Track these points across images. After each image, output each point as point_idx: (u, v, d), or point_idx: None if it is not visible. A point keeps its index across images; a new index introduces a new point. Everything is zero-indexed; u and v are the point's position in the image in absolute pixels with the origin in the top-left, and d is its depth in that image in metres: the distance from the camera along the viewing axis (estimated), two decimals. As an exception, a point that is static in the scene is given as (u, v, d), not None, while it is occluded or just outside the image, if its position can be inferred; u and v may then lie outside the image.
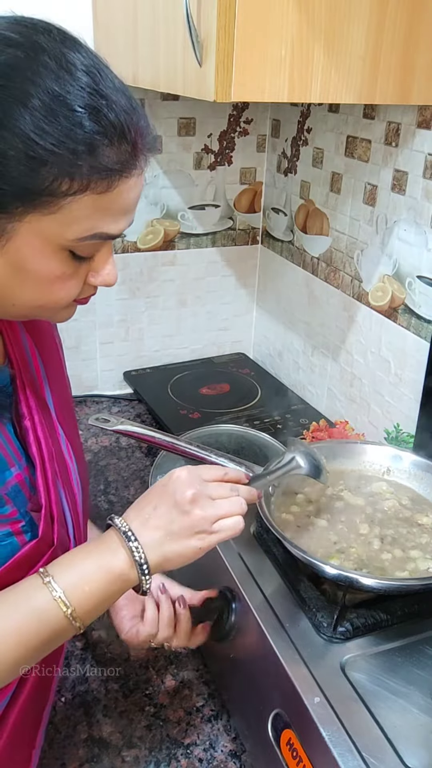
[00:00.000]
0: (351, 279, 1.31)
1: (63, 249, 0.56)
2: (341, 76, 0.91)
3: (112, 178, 0.54)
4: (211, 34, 0.83)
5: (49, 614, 0.58)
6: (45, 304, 0.60)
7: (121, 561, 0.62)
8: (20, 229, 0.54)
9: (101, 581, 0.61)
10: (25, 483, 0.66)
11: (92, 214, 0.55)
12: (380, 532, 0.86)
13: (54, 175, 0.51)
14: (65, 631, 0.59)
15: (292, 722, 0.69)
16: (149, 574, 0.62)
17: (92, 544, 0.64)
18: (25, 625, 0.58)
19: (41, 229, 0.54)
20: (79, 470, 0.76)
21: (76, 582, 0.60)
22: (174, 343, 1.67)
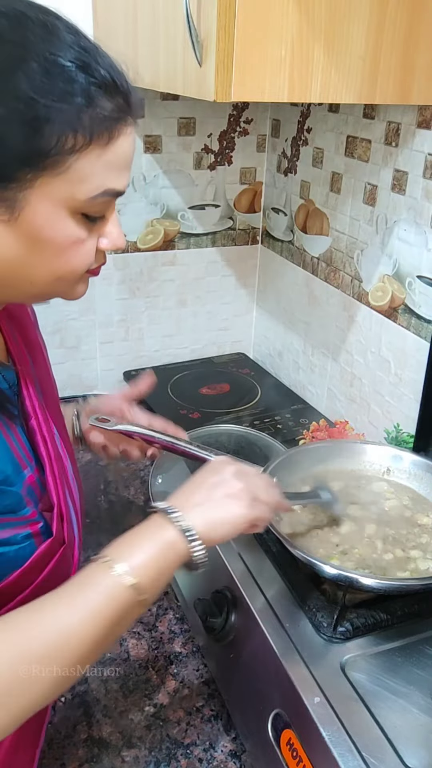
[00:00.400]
0: (351, 279, 1.31)
1: (75, 212, 0.57)
2: (341, 76, 0.91)
3: (112, 128, 0.56)
4: (211, 34, 0.83)
5: (117, 592, 0.59)
6: (63, 275, 0.60)
7: (169, 532, 0.64)
8: (31, 197, 0.54)
9: (156, 554, 0.62)
10: (37, 483, 0.66)
11: (99, 171, 0.56)
12: (381, 532, 0.86)
13: (58, 132, 0.52)
14: (134, 607, 0.60)
15: (292, 722, 0.69)
16: (197, 541, 0.64)
17: (138, 528, 0.66)
18: (98, 608, 0.58)
19: (52, 193, 0.54)
20: (72, 468, 0.76)
21: (133, 557, 0.61)
22: (174, 343, 1.67)
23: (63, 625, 0.57)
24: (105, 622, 0.58)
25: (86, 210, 0.57)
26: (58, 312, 1.49)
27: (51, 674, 0.55)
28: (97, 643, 0.58)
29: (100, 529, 1.14)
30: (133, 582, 0.59)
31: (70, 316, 1.50)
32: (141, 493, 1.23)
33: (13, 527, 0.62)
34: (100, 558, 0.61)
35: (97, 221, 0.60)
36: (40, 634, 0.56)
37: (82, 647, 0.57)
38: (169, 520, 0.64)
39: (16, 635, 0.55)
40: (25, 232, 0.56)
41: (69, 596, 0.59)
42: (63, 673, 0.56)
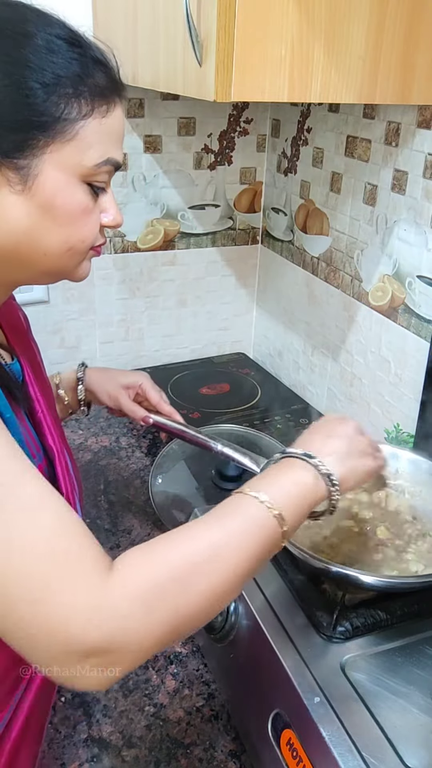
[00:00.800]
0: (351, 279, 1.31)
1: (83, 181, 0.61)
2: (341, 75, 0.91)
3: (109, 99, 0.61)
4: (211, 34, 0.83)
5: (263, 519, 0.60)
6: (74, 245, 0.63)
7: (311, 474, 0.66)
8: (44, 165, 0.58)
9: (298, 492, 0.64)
10: (45, 474, 0.67)
11: (102, 139, 0.61)
12: (377, 531, 0.86)
13: (66, 98, 0.58)
14: (276, 539, 0.61)
15: (292, 722, 0.69)
16: (338, 486, 0.67)
17: (277, 468, 0.68)
18: (245, 531, 0.59)
19: (63, 160, 0.59)
20: (72, 465, 0.77)
21: (276, 491, 0.63)
22: (174, 342, 1.67)
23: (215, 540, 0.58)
24: (252, 550, 0.59)
25: (92, 178, 0.62)
26: (58, 312, 1.49)
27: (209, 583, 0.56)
28: (245, 570, 0.59)
29: (100, 529, 1.14)
30: (276, 512, 0.61)
31: (70, 316, 1.50)
32: (141, 493, 1.24)
33: None
34: (242, 491, 0.63)
35: (100, 194, 0.64)
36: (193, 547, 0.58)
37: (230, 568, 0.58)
38: (309, 465, 0.67)
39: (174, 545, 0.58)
40: (38, 201, 0.59)
41: (217, 519, 0.60)
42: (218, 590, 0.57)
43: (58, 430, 0.77)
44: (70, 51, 0.58)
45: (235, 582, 0.58)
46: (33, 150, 0.57)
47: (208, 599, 0.56)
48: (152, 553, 0.56)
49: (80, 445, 1.38)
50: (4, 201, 0.59)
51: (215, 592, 0.56)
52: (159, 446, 1.34)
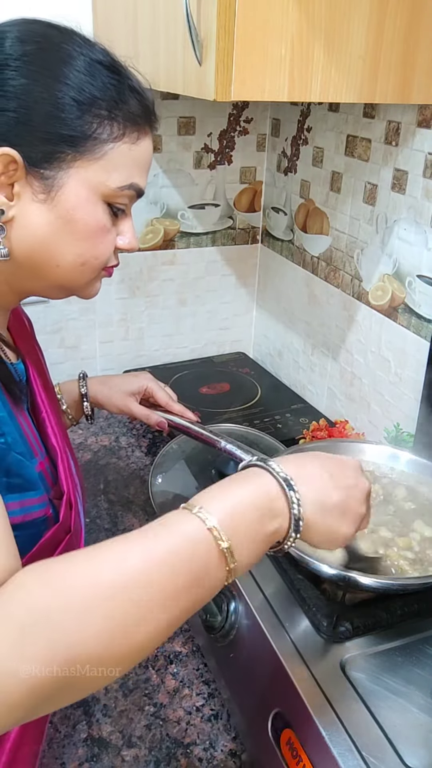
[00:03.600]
0: (351, 278, 1.31)
1: (104, 201, 0.63)
2: (341, 75, 0.91)
3: (140, 127, 0.64)
4: (211, 33, 0.83)
5: (202, 544, 0.50)
6: (88, 260, 0.65)
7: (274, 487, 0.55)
8: (69, 179, 0.60)
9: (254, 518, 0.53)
10: (47, 472, 0.69)
11: (128, 164, 0.63)
12: (375, 531, 0.86)
13: (99, 119, 0.60)
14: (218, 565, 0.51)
15: (292, 722, 0.69)
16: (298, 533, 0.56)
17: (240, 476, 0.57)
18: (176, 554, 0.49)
19: (88, 177, 0.61)
20: (74, 465, 0.78)
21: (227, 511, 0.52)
22: (174, 342, 1.67)
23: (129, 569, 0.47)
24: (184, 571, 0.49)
25: (114, 200, 0.64)
26: (58, 312, 1.49)
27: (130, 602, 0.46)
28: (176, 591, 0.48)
29: (100, 528, 1.14)
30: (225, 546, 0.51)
31: (70, 315, 1.50)
32: (141, 493, 1.24)
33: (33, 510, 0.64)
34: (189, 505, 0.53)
35: (119, 216, 0.66)
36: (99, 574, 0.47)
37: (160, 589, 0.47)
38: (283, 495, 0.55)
39: None
40: (59, 212, 0.61)
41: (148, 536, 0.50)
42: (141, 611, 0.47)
43: (62, 431, 0.77)
44: (109, 76, 0.61)
45: (152, 625, 0.47)
46: (60, 162, 0.60)
47: (108, 642, 0.45)
48: (49, 573, 0.47)
49: (80, 444, 1.38)
50: (26, 208, 0.60)
51: (117, 634, 0.45)
52: (159, 446, 1.34)
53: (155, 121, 0.67)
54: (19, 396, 0.66)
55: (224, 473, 1.15)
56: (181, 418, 1.03)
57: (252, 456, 0.95)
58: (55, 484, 0.70)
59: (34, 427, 0.70)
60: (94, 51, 0.62)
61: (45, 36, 0.61)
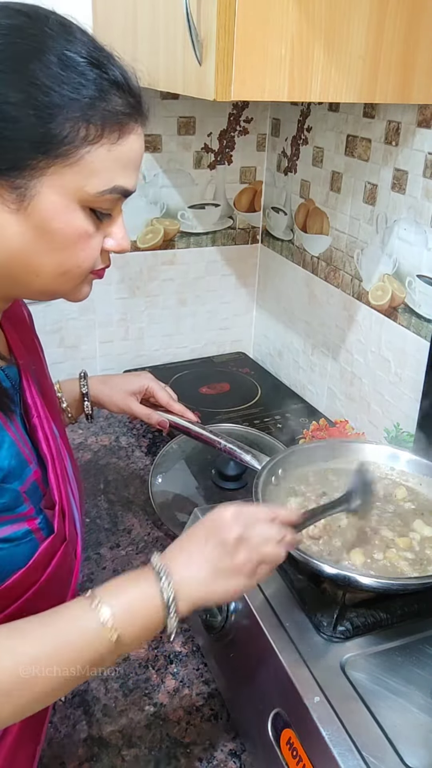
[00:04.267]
0: (351, 278, 1.31)
1: (84, 206, 0.58)
2: (341, 75, 0.91)
3: (122, 124, 0.58)
4: (211, 33, 0.83)
5: (96, 637, 0.57)
6: (69, 269, 0.61)
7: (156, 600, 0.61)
8: (42, 186, 0.56)
9: (145, 610, 0.60)
10: (40, 480, 0.67)
11: (109, 166, 0.58)
12: (377, 531, 0.86)
13: (72, 121, 0.55)
14: (111, 656, 0.58)
15: (292, 722, 0.69)
16: (174, 614, 0.61)
17: (140, 573, 0.63)
18: (71, 645, 0.56)
19: (63, 184, 0.56)
20: (72, 466, 0.77)
21: (123, 607, 0.59)
22: (174, 342, 1.67)
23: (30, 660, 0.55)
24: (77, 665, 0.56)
25: (95, 205, 0.59)
26: (57, 311, 1.49)
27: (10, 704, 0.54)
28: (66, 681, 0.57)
29: (99, 528, 1.14)
30: (113, 636, 0.57)
31: (70, 315, 1.50)
32: (141, 493, 1.23)
33: (11, 524, 0.62)
34: (91, 597, 0.59)
35: (104, 220, 0.62)
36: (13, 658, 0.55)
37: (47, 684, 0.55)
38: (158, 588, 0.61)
39: None
40: (34, 221, 0.57)
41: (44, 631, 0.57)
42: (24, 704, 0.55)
43: (60, 433, 0.76)
44: (87, 71, 0.55)
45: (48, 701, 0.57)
46: (32, 170, 0.55)
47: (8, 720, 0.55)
48: None
49: (80, 444, 1.38)
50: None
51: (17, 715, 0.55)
52: (159, 446, 1.34)
53: (141, 114, 0.61)
54: (6, 405, 0.64)
55: (224, 473, 1.15)
56: (181, 418, 1.03)
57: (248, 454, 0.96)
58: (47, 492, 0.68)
59: (25, 434, 0.68)
60: (70, 41, 0.55)
61: (13, 28, 0.54)
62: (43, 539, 0.65)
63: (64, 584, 0.70)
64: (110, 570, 1.05)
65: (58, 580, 0.67)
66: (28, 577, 0.62)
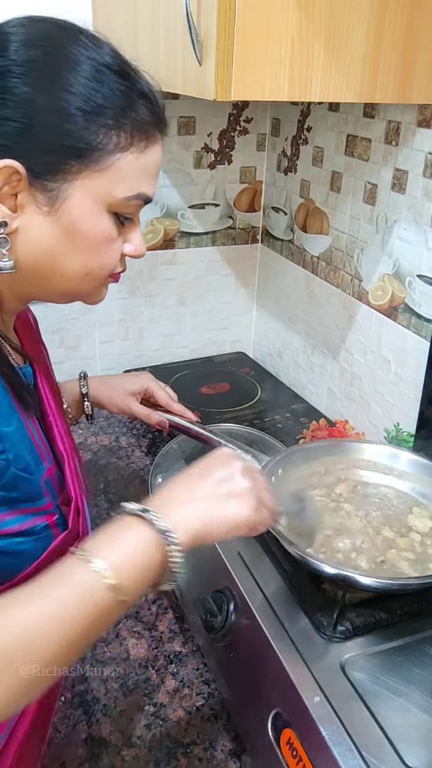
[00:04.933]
0: (351, 278, 1.31)
1: (110, 211, 0.62)
2: (341, 74, 0.91)
3: (149, 134, 0.62)
4: (211, 33, 0.83)
5: (93, 589, 0.54)
6: (93, 270, 0.64)
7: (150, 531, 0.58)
8: (74, 190, 0.59)
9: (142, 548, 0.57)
10: (55, 477, 0.68)
11: (135, 173, 0.62)
12: (375, 530, 0.86)
13: (105, 128, 0.58)
14: (111, 607, 0.55)
15: (292, 721, 0.69)
16: (177, 545, 0.58)
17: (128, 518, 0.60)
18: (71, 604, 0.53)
19: (93, 188, 0.59)
20: (79, 466, 0.77)
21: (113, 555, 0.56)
22: (174, 342, 1.67)
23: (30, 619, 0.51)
24: (78, 621, 0.53)
25: (120, 210, 0.62)
26: (58, 311, 1.49)
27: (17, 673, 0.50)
28: (71, 642, 0.53)
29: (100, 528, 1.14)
30: (112, 583, 0.54)
31: (71, 315, 1.50)
32: (141, 493, 1.23)
33: (33, 517, 0.63)
34: (79, 551, 0.56)
35: (126, 224, 0.65)
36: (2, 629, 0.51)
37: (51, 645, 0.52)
38: (147, 521, 0.58)
39: None
40: (63, 224, 0.60)
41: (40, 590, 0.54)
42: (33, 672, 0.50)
43: (68, 433, 0.77)
44: (117, 82, 0.59)
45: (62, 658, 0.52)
46: (65, 174, 0.58)
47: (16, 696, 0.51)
48: None
49: (80, 444, 1.38)
50: (30, 219, 0.59)
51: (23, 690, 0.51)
52: (159, 446, 1.34)
53: (165, 125, 0.65)
54: (29, 402, 0.65)
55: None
56: (181, 418, 1.03)
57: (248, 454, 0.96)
58: (62, 489, 0.69)
59: (42, 431, 0.69)
60: (101, 54, 0.59)
61: (50, 39, 0.58)
62: (59, 534, 0.65)
63: None
64: (110, 570, 1.05)
65: None
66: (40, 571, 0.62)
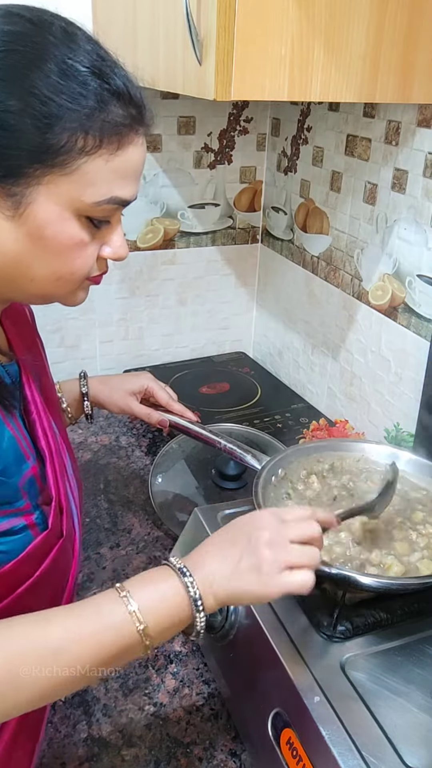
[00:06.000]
0: (351, 278, 1.31)
1: (80, 215, 0.59)
2: (341, 74, 0.91)
3: (122, 135, 0.58)
4: (211, 33, 0.82)
5: (124, 628, 0.58)
6: (63, 276, 0.61)
7: (182, 591, 0.61)
8: (38, 195, 0.56)
9: (173, 605, 0.60)
10: (38, 476, 0.67)
11: (107, 176, 0.58)
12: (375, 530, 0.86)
13: (69, 131, 0.55)
14: (135, 649, 0.59)
15: (292, 721, 0.69)
16: (202, 612, 0.61)
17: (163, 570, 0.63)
18: (101, 635, 0.57)
19: (59, 193, 0.57)
20: (72, 465, 0.77)
21: (151, 599, 0.59)
22: (174, 341, 1.67)
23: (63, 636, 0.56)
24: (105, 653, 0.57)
25: (91, 214, 0.59)
26: (58, 311, 1.48)
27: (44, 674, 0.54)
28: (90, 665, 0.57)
29: (99, 528, 1.14)
30: (140, 627, 0.58)
31: (70, 315, 1.50)
32: (141, 493, 1.24)
33: (9, 518, 0.63)
34: (120, 588, 0.60)
35: (102, 227, 0.62)
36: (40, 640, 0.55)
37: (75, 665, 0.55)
38: (183, 585, 0.61)
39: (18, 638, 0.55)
40: (28, 228, 0.57)
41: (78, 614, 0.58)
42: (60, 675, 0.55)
43: (61, 430, 0.76)
44: (87, 81, 0.55)
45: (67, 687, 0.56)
46: (27, 179, 0.55)
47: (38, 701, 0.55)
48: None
49: (80, 444, 1.38)
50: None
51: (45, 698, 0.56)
52: (159, 445, 1.34)
53: (145, 123, 0.61)
54: (8, 402, 0.64)
55: (224, 473, 1.15)
56: (181, 418, 1.03)
57: (248, 454, 0.96)
58: (45, 488, 0.69)
59: (25, 429, 0.68)
60: (72, 49, 0.55)
61: (16, 35, 0.54)
62: (38, 534, 0.65)
63: (60, 581, 0.70)
64: (110, 570, 1.05)
65: (55, 576, 0.67)
66: (20, 571, 0.63)
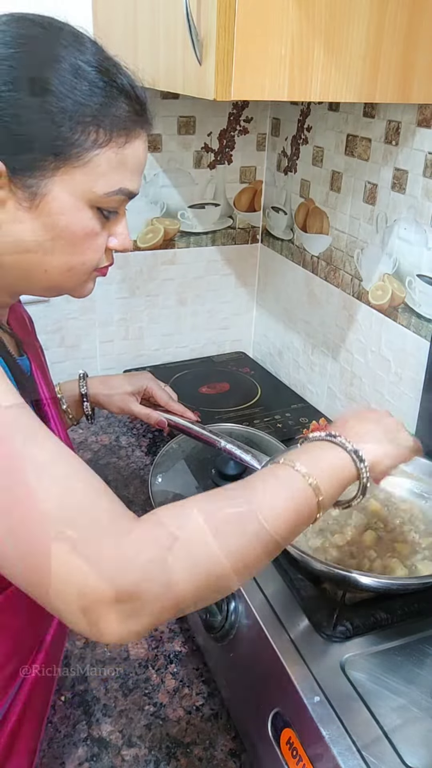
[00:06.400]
0: (351, 278, 1.31)
1: (92, 206, 0.62)
2: (341, 74, 0.91)
3: (129, 130, 0.62)
4: (211, 33, 0.82)
5: (300, 488, 0.61)
6: (75, 266, 0.65)
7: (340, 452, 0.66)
8: (53, 186, 0.59)
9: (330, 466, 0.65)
10: None
11: (116, 169, 0.62)
12: (374, 530, 0.86)
13: (83, 125, 0.59)
14: (312, 508, 0.61)
15: (292, 721, 0.69)
16: (366, 464, 0.66)
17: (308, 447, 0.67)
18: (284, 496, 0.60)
19: (73, 184, 0.60)
20: None
21: (311, 464, 0.63)
22: (174, 341, 1.67)
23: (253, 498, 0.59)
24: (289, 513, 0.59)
25: (102, 204, 0.63)
26: (58, 311, 1.49)
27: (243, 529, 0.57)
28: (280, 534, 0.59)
29: (100, 528, 1.14)
30: (313, 482, 0.61)
31: (70, 315, 1.50)
32: (141, 493, 1.24)
33: None
34: (275, 462, 0.63)
35: (111, 218, 0.66)
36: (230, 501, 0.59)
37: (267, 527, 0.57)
38: (336, 444, 0.66)
39: None
40: (44, 219, 0.61)
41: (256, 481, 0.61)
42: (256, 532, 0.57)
43: (63, 428, 0.77)
44: (97, 79, 0.59)
45: (268, 546, 0.58)
46: (43, 171, 0.59)
47: (240, 558, 0.56)
48: (184, 505, 0.58)
49: (80, 444, 1.38)
50: (12, 215, 0.60)
51: (247, 552, 0.56)
52: (159, 445, 1.34)
53: (148, 120, 0.65)
54: (27, 389, 0.66)
55: (224, 473, 1.15)
56: (181, 418, 1.03)
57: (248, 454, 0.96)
58: None
59: None
60: (82, 51, 0.60)
61: (30, 37, 0.59)
62: None
63: None
64: (110, 570, 1.05)
65: None
66: None
